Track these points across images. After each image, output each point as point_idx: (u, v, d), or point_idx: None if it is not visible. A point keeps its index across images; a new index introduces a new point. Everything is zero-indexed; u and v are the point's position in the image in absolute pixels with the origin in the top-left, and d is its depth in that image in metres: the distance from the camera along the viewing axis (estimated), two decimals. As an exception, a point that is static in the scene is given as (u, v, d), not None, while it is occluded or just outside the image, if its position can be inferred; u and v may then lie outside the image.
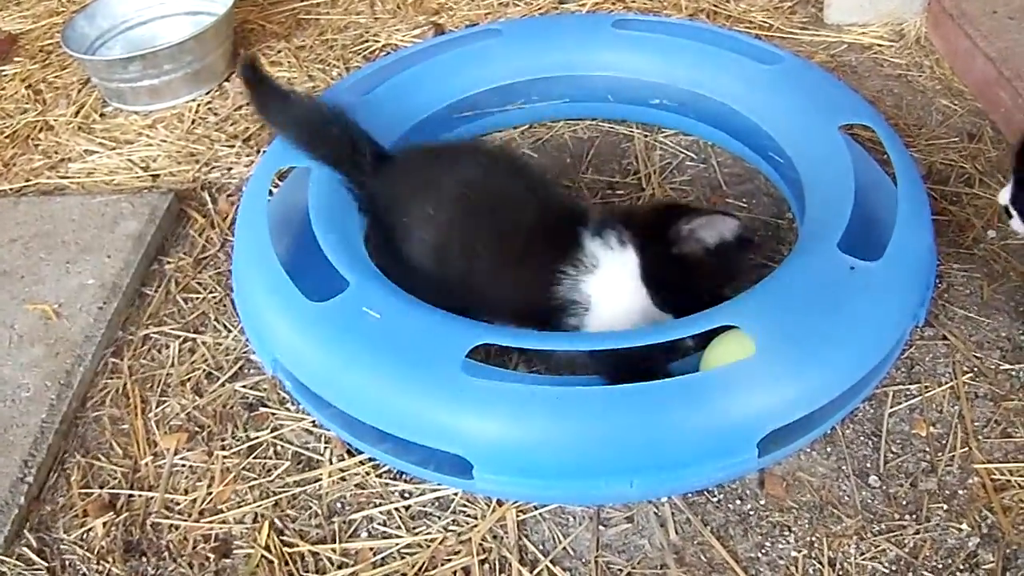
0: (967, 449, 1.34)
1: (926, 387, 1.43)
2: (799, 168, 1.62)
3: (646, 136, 1.98)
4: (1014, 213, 1.37)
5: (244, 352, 1.56)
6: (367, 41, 2.39)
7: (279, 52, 2.39)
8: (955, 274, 1.60)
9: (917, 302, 1.43)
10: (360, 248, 1.51)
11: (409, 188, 1.51)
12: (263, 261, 1.45)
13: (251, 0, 2.63)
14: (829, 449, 1.36)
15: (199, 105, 2.22)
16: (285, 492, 1.36)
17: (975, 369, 1.45)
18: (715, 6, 2.41)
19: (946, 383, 1.44)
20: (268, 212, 1.56)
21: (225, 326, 1.62)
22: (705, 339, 1.33)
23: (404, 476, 1.36)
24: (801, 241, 1.47)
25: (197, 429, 1.46)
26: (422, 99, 1.82)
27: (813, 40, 2.27)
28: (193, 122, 2.17)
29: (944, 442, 1.36)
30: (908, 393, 1.43)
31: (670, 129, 2.00)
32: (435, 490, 1.34)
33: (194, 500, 1.36)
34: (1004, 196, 1.38)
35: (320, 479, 1.37)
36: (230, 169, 1.99)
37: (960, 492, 1.30)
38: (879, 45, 2.24)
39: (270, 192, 1.64)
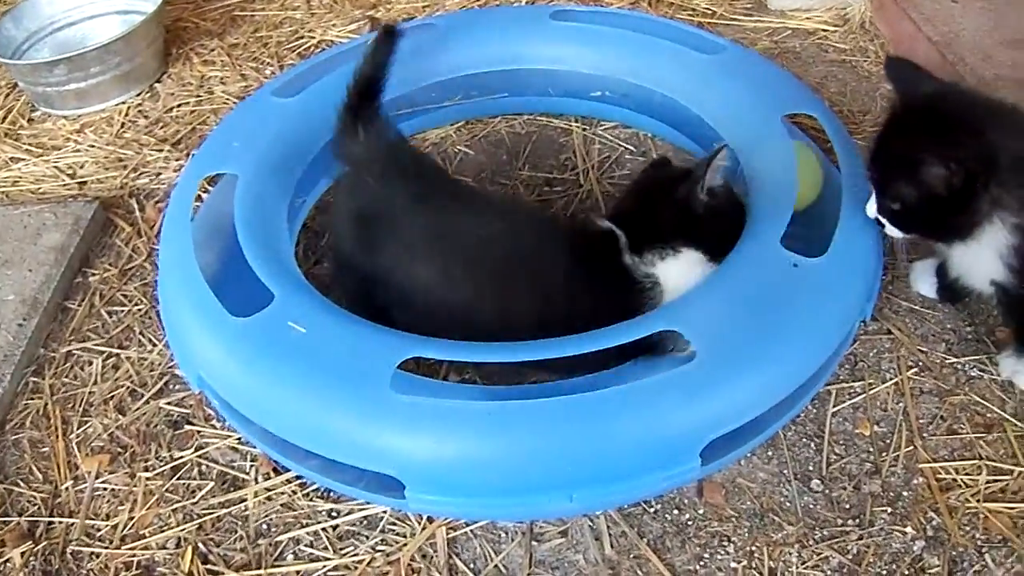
0: (912, 448, 1.32)
1: (870, 384, 1.40)
2: (741, 160, 1.57)
3: (584, 130, 1.94)
4: (884, 222, 1.31)
5: (169, 367, 1.51)
6: (302, 37, 2.32)
7: (212, 51, 2.32)
8: (901, 265, 1.57)
9: (864, 297, 1.39)
10: (288, 258, 1.46)
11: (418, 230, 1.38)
12: (186, 274, 1.39)
13: (185, -2, 2.56)
14: (770, 453, 1.32)
15: (129, 108, 2.15)
16: (209, 514, 1.31)
17: (920, 363, 1.42)
18: (658, -9, 2.37)
19: (891, 379, 1.41)
20: (198, 219, 1.52)
21: (150, 340, 1.57)
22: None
23: (331, 494, 1.31)
24: (743, 238, 1.43)
25: (120, 450, 1.41)
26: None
27: (757, 26, 2.24)
28: (123, 126, 2.10)
29: (888, 441, 1.33)
30: (852, 391, 1.40)
31: (612, 122, 1.96)
32: (363, 508, 1.29)
33: (115, 525, 1.31)
34: (871, 209, 1.32)
35: (245, 499, 1.32)
36: (159, 175, 1.92)
37: (905, 494, 1.27)
38: (824, 30, 2.21)
39: (199, 198, 1.59)
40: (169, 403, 1.46)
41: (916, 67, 1.32)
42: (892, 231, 1.31)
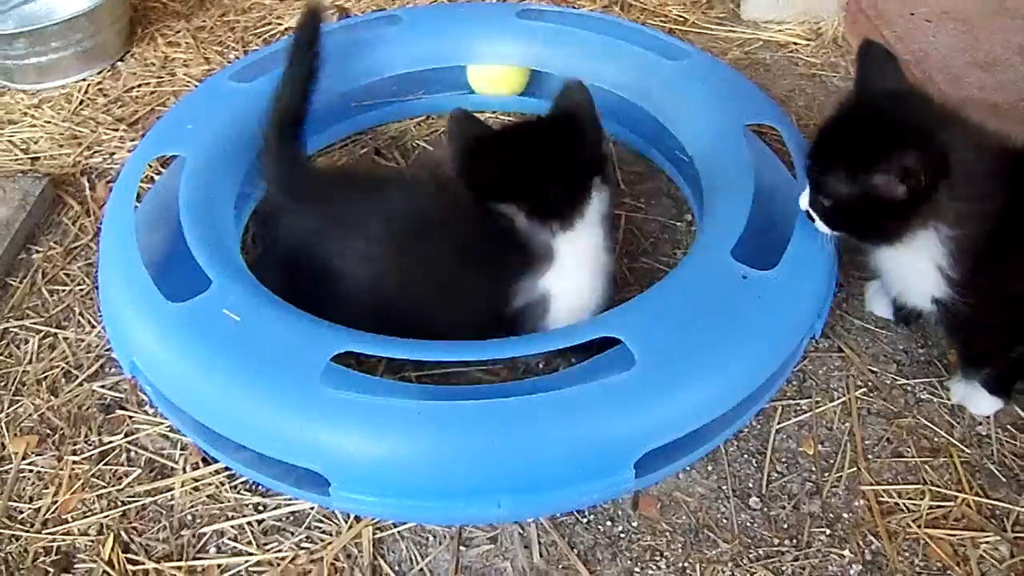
0: (855, 469, 1.30)
1: (817, 402, 1.38)
2: (699, 168, 1.56)
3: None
4: (815, 216, 1.28)
5: (106, 350, 1.47)
6: (269, 24, 2.29)
7: (178, 32, 2.28)
8: (855, 283, 1.55)
9: (813, 313, 1.37)
10: (232, 245, 1.43)
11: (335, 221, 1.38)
12: (124, 255, 1.36)
13: (155, -24, 2.52)
14: (710, 467, 1.30)
15: (89, 85, 2.11)
16: (135, 502, 1.28)
17: (869, 384, 1.41)
18: (630, -4, 2.35)
19: (839, 398, 1.39)
20: (147, 200, 1.49)
21: (89, 321, 1.53)
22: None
23: (259, 488, 1.29)
24: (694, 247, 1.42)
25: (49, 432, 1.37)
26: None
27: (728, 36, 2.23)
28: (81, 103, 2.06)
29: (832, 461, 1.31)
30: (798, 408, 1.38)
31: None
32: (290, 504, 1.26)
33: (38, 509, 1.28)
34: (803, 202, 1.29)
35: (172, 489, 1.29)
36: (112, 154, 1.89)
37: (845, 515, 1.25)
38: (795, 43, 2.20)
39: (152, 180, 1.56)
40: (103, 386, 1.43)
41: (891, 57, 1.27)
42: (821, 226, 1.28)
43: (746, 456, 1.32)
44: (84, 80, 2.13)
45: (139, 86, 2.10)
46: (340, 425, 1.15)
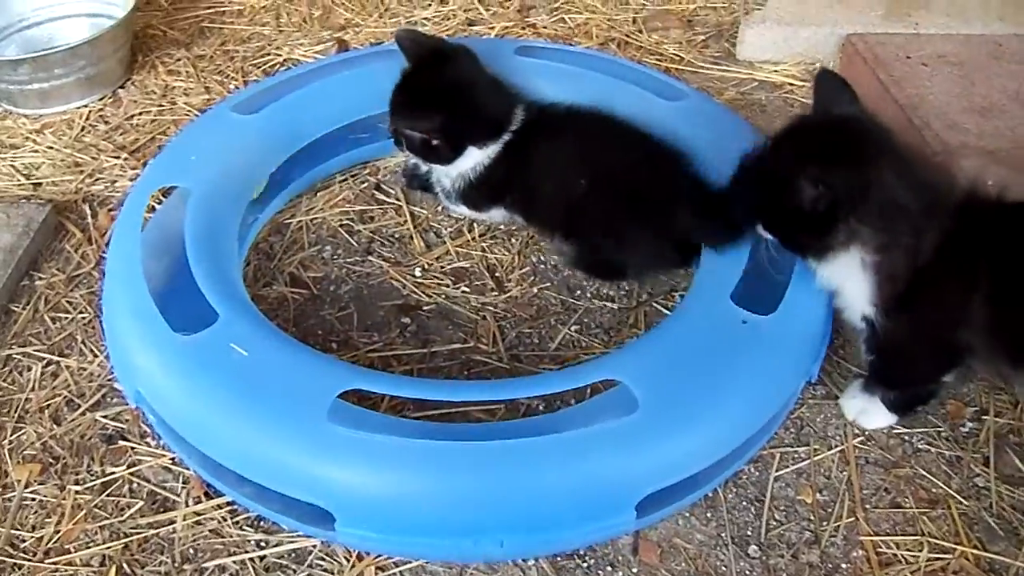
0: (853, 519, 1.31)
1: (815, 450, 1.40)
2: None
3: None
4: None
5: (108, 379, 1.49)
6: (269, 54, 2.31)
7: (178, 60, 2.30)
8: (848, 331, 1.55)
9: (810, 358, 1.40)
10: (236, 278, 1.45)
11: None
12: (131, 285, 1.38)
13: (155, 4, 2.54)
14: (709, 514, 1.32)
15: (90, 112, 2.13)
16: (137, 534, 1.29)
17: (866, 432, 1.43)
18: (627, 36, 2.39)
19: (836, 446, 1.41)
20: (149, 229, 1.50)
21: (92, 350, 1.55)
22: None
23: (261, 523, 1.30)
24: (693, 291, 1.45)
25: (52, 460, 1.39)
26: (315, 118, 1.75)
27: (724, 76, 2.26)
28: (83, 129, 2.08)
29: (830, 510, 1.33)
30: (796, 456, 1.40)
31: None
32: (293, 540, 1.28)
33: (40, 538, 1.29)
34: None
35: (174, 522, 1.30)
36: (114, 182, 1.91)
37: (843, 566, 1.26)
38: (791, 84, 2.22)
39: (153, 209, 1.58)
40: (105, 416, 1.45)
41: (845, 86, 1.33)
42: (762, 231, 1.33)
43: (745, 503, 1.34)
44: (86, 106, 2.14)
45: (140, 114, 2.12)
46: (346, 462, 1.18)
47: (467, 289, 1.66)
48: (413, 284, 1.67)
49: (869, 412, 1.42)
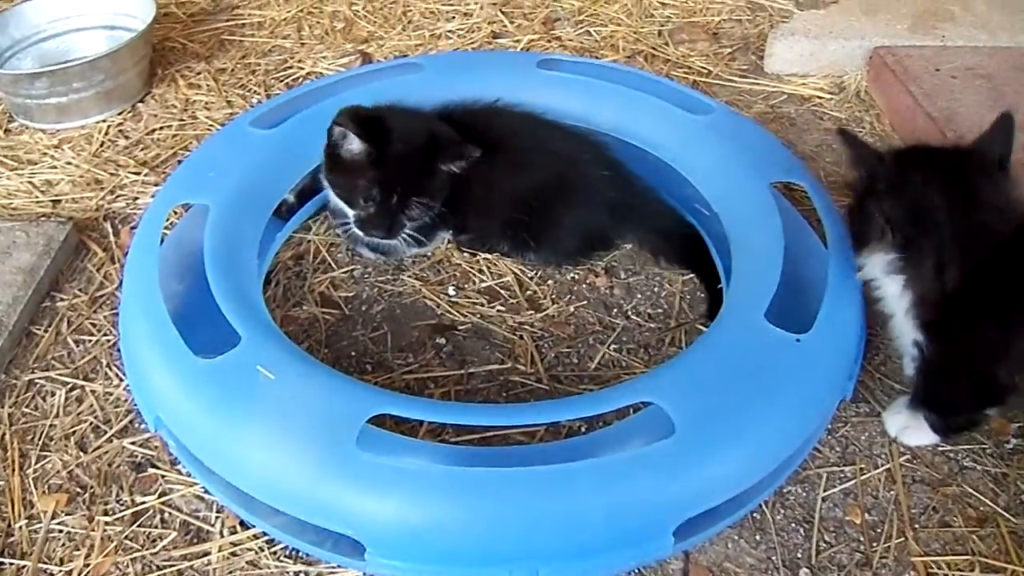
0: (903, 539, 1.28)
1: (861, 469, 1.37)
2: (727, 226, 1.56)
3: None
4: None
5: (135, 404, 1.44)
6: (291, 67, 2.29)
7: (198, 74, 2.28)
8: (890, 345, 1.53)
9: (845, 375, 1.37)
10: (257, 297, 1.41)
11: None
12: (149, 307, 1.35)
13: (174, 17, 2.51)
14: (759, 536, 1.28)
15: (109, 126, 2.10)
16: (170, 567, 1.25)
17: (912, 451, 1.39)
18: (653, 49, 2.36)
19: (882, 465, 1.37)
20: (166, 248, 1.47)
21: (118, 374, 1.51)
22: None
23: (300, 554, 1.26)
24: (726, 309, 1.41)
25: (79, 490, 1.35)
26: None
27: (752, 89, 2.23)
28: (102, 144, 2.04)
29: (879, 531, 1.29)
30: (842, 476, 1.36)
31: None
32: (333, 572, 1.24)
33: (70, 572, 1.25)
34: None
35: (209, 553, 1.26)
36: (136, 199, 1.87)
37: (896, 588, 1.23)
38: (819, 97, 2.20)
39: (172, 224, 1.55)
40: (133, 443, 1.41)
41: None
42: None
43: (793, 525, 1.30)
44: (104, 121, 2.12)
45: (160, 128, 2.09)
46: (376, 490, 1.14)
47: (502, 308, 1.62)
48: (447, 303, 1.63)
49: (912, 429, 1.39)
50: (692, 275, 1.69)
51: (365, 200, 1.56)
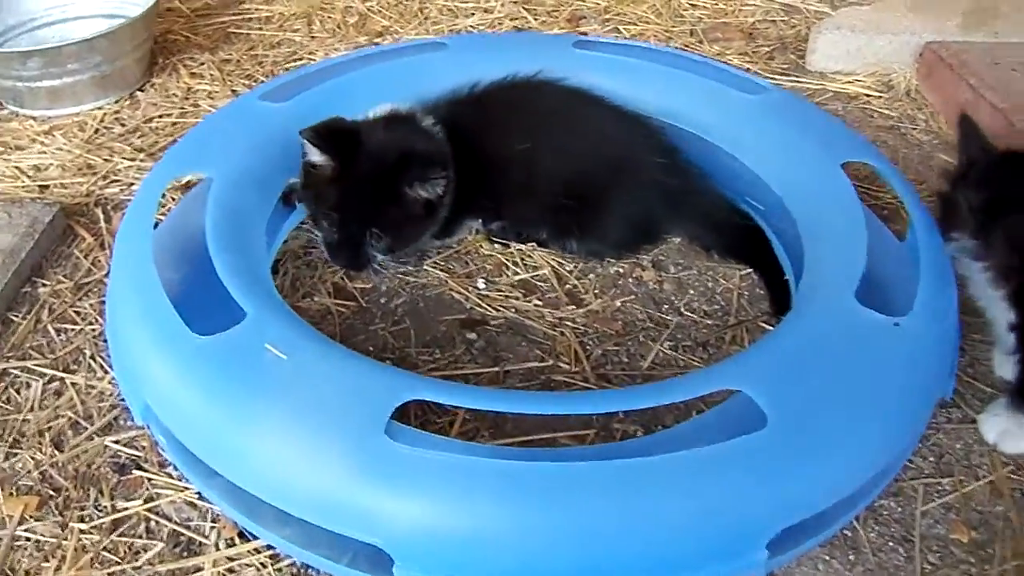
0: (1020, 562, 1.09)
1: (961, 481, 1.19)
2: (793, 210, 1.39)
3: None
4: None
5: (121, 399, 1.26)
6: (301, 59, 2.13)
7: (202, 64, 2.11)
8: (977, 347, 1.37)
9: (947, 369, 1.20)
10: (265, 274, 1.24)
11: None
12: (139, 280, 1.17)
13: (177, 11, 2.36)
14: (852, 556, 1.09)
15: (105, 114, 1.93)
16: (155, 583, 1.05)
17: (1014, 460, 1.22)
18: (687, 47, 2.20)
19: (983, 477, 1.19)
20: (160, 236, 1.29)
21: (102, 366, 1.33)
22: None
23: (309, 572, 1.07)
24: (807, 292, 1.23)
25: (52, 493, 1.16)
26: (352, 109, 1.50)
27: (795, 87, 2.08)
28: (96, 131, 1.88)
29: (991, 551, 1.10)
30: (940, 488, 1.18)
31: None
32: (348, 591, 1.04)
33: (36, 586, 1.05)
34: None
35: (201, 569, 1.07)
36: (131, 185, 1.70)
37: (1019, 617, 1.04)
38: (867, 95, 2.05)
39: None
40: (117, 441, 1.22)
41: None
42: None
43: (891, 544, 1.11)
44: (100, 108, 1.95)
45: (160, 116, 1.92)
46: (408, 488, 0.95)
47: (539, 302, 1.44)
48: (477, 297, 1.45)
49: (1012, 433, 1.23)
50: (749, 270, 1.50)
51: (328, 224, 1.39)
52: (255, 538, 1.08)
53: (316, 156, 1.35)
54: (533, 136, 1.44)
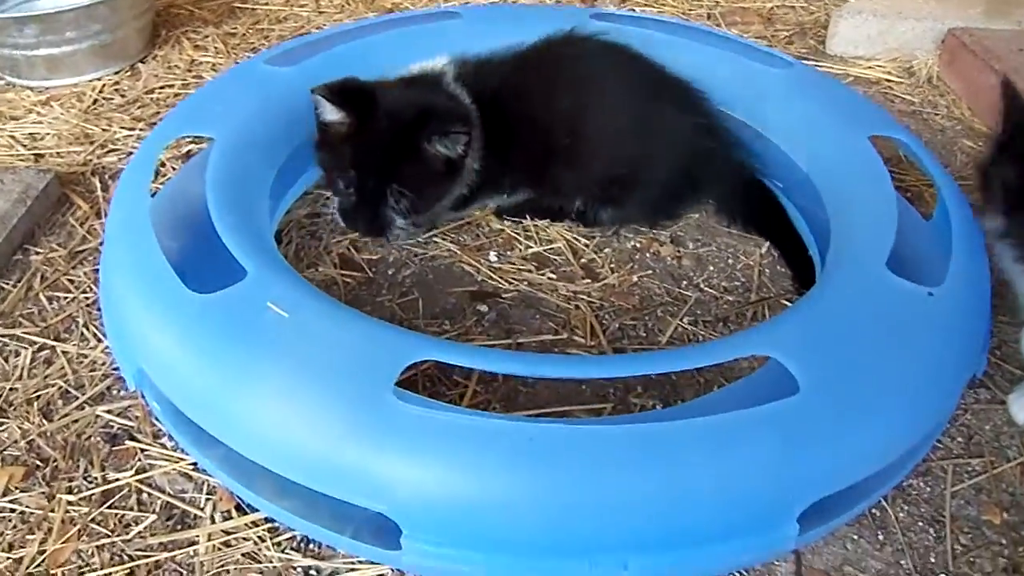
0: (1052, 544, 1.03)
1: (991, 462, 1.13)
2: (819, 184, 1.34)
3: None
4: None
5: (114, 368, 1.20)
6: (308, 33, 2.06)
7: (206, 37, 2.06)
8: (1005, 328, 1.31)
9: (980, 344, 1.15)
10: (268, 236, 1.18)
11: None
12: (135, 238, 1.11)
13: (180, -13, 2.30)
14: (881, 536, 1.03)
15: (105, 85, 1.87)
16: (146, 557, 0.99)
17: (1048, 441, 1.15)
18: (706, 29, 2.14)
19: (1014, 458, 1.14)
20: (158, 203, 1.23)
21: (95, 335, 1.27)
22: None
23: (311, 546, 1.00)
24: (833, 260, 1.17)
25: (39, 463, 1.10)
26: (363, 73, 1.41)
27: (816, 70, 2.00)
28: (95, 102, 1.82)
29: (1023, 533, 1.04)
30: (970, 469, 1.12)
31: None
32: (353, 567, 0.98)
33: (19, 560, 0.99)
34: None
35: (196, 542, 1.01)
36: (130, 154, 1.63)
37: (1056, 602, 0.98)
38: (888, 80, 1.99)
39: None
40: (109, 411, 1.16)
41: None
42: None
43: (921, 524, 1.05)
44: (99, 79, 1.89)
45: (162, 88, 1.86)
46: (417, 451, 0.89)
47: (553, 275, 1.38)
48: (488, 269, 1.38)
49: None
50: (768, 246, 1.45)
51: (344, 185, 1.32)
52: (253, 511, 1.02)
53: (331, 113, 1.28)
54: (577, 96, 1.37)
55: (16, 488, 1.06)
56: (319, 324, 0.97)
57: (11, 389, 1.19)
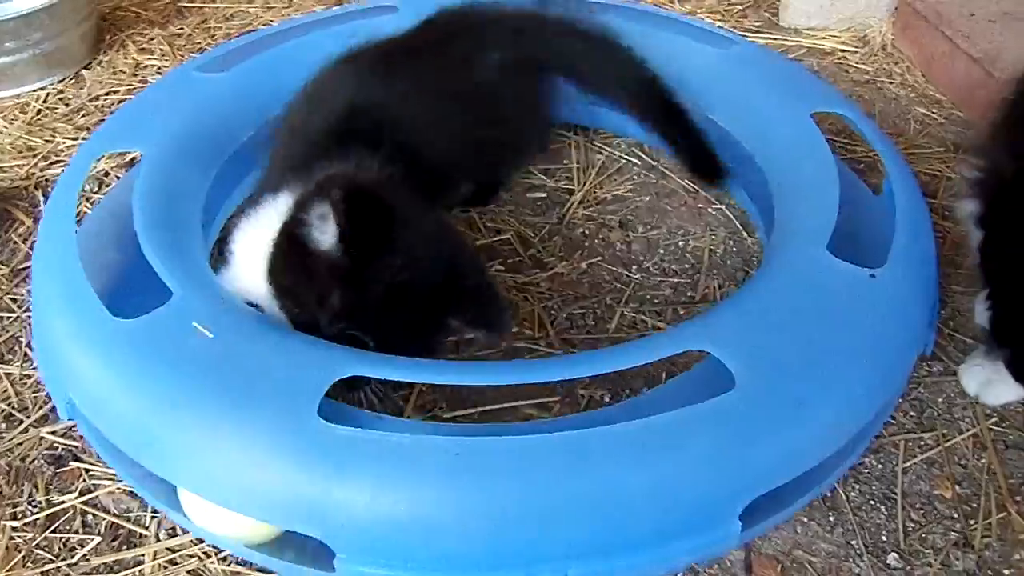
0: (1005, 514, 1.04)
1: (944, 435, 1.14)
2: (762, 163, 1.34)
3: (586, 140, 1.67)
4: None
5: (57, 389, 1.19)
6: (256, 30, 2.04)
7: (151, 39, 2.03)
8: (958, 298, 1.31)
9: (926, 321, 1.14)
10: (200, 255, 1.16)
11: None
12: (60, 262, 1.09)
13: (127, -12, 2.27)
14: (832, 517, 1.04)
15: (48, 94, 1.85)
16: (91, 579, 0.98)
17: (998, 412, 1.16)
18: (657, 4, 2.12)
19: (967, 430, 1.14)
20: (100, 214, 1.24)
21: (40, 355, 1.25)
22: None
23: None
24: (775, 242, 1.17)
25: (-19, 489, 1.08)
26: (299, 78, 1.37)
27: (770, 44, 2.01)
28: (39, 112, 1.79)
29: (975, 506, 1.05)
30: (922, 443, 1.13)
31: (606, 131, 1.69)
32: (296, 580, 0.97)
33: (-39, 590, 0.98)
34: None
35: (142, 562, 1.00)
36: (75, 165, 1.61)
37: (1006, 572, 0.99)
38: (842, 51, 1.99)
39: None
40: (53, 432, 1.15)
41: None
42: None
43: (872, 503, 1.06)
44: (43, 89, 1.86)
45: (106, 94, 1.84)
46: (346, 473, 0.87)
47: (501, 267, 1.37)
48: (431, 264, 1.37)
49: (994, 384, 1.17)
50: (719, 227, 1.45)
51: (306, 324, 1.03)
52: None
53: (329, 236, 0.96)
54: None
55: (-41, 516, 1.06)
56: (244, 343, 0.95)
57: (-48, 413, 1.17)
